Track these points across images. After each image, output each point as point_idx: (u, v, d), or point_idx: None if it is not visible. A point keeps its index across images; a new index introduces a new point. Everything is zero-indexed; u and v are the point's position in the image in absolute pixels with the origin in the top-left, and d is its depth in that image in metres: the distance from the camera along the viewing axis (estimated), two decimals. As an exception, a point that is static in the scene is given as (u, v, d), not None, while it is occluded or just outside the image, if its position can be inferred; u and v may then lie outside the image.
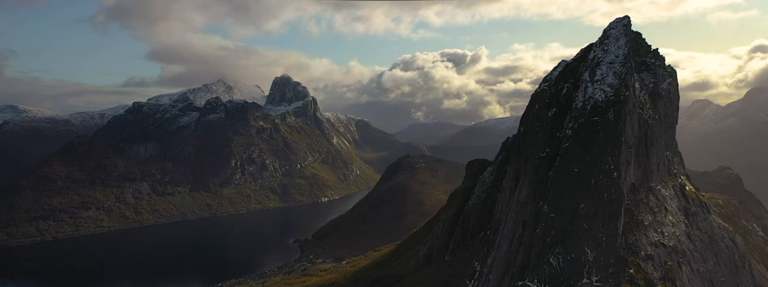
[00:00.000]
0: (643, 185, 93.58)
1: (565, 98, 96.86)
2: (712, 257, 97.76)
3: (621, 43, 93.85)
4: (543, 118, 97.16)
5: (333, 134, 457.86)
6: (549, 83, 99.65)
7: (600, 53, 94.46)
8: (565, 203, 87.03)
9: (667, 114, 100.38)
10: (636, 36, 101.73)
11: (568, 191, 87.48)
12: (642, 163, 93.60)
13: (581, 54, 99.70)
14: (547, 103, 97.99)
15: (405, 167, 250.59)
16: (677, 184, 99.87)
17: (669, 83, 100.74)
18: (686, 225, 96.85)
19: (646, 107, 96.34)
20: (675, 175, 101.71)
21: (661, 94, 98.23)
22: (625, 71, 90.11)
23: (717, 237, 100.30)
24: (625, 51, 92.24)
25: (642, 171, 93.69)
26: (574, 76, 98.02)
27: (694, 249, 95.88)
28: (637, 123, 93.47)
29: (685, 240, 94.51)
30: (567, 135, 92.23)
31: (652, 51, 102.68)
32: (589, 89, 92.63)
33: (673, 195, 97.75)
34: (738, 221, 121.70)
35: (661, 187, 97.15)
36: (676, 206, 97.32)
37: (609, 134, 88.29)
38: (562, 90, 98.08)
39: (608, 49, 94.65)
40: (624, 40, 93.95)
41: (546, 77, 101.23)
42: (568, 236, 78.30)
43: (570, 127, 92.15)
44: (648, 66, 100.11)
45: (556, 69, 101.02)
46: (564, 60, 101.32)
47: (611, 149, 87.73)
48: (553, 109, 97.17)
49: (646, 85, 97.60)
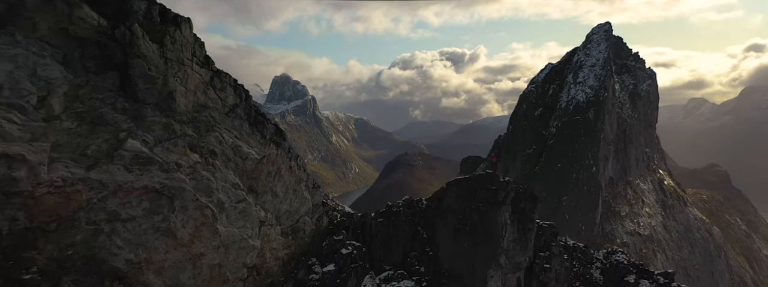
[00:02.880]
0: (622, 179, 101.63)
1: (551, 99, 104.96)
2: (687, 246, 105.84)
3: (602, 48, 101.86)
4: (530, 117, 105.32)
5: (332, 133, 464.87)
6: (536, 84, 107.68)
7: (582, 57, 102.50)
8: (550, 196, 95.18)
9: (646, 113, 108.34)
10: (617, 40, 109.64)
11: (552, 185, 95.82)
12: (621, 159, 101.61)
13: (566, 57, 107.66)
14: (533, 103, 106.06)
15: (403, 165, 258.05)
16: (656, 178, 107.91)
17: (649, 85, 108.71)
18: (663, 217, 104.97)
19: (626, 106, 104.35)
20: (654, 170, 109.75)
21: (640, 94, 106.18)
22: (605, 74, 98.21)
23: (693, 228, 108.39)
24: (606, 55, 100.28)
25: (621, 166, 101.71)
26: (560, 77, 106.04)
27: (669, 238, 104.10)
28: (617, 122, 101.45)
29: (661, 230, 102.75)
30: (552, 133, 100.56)
31: (633, 54, 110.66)
32: (572, 90, 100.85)
33: (651, 189, 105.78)
34: (721, 215, 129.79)
35: (639, 181, 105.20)
36: (654, 199, 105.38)
37: (589, 131, 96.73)
38: (548, 91, 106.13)
39: (590, 53, 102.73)
40: (605, 44, 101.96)
41: (533, 78, 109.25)
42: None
43: (554, 125, 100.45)
44: (629, 68, 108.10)
45: (542, 71, 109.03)
46: (550, 63, 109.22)
47: (591, 146, 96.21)
48: (540, 108, 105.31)
49: (627, 86, 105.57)
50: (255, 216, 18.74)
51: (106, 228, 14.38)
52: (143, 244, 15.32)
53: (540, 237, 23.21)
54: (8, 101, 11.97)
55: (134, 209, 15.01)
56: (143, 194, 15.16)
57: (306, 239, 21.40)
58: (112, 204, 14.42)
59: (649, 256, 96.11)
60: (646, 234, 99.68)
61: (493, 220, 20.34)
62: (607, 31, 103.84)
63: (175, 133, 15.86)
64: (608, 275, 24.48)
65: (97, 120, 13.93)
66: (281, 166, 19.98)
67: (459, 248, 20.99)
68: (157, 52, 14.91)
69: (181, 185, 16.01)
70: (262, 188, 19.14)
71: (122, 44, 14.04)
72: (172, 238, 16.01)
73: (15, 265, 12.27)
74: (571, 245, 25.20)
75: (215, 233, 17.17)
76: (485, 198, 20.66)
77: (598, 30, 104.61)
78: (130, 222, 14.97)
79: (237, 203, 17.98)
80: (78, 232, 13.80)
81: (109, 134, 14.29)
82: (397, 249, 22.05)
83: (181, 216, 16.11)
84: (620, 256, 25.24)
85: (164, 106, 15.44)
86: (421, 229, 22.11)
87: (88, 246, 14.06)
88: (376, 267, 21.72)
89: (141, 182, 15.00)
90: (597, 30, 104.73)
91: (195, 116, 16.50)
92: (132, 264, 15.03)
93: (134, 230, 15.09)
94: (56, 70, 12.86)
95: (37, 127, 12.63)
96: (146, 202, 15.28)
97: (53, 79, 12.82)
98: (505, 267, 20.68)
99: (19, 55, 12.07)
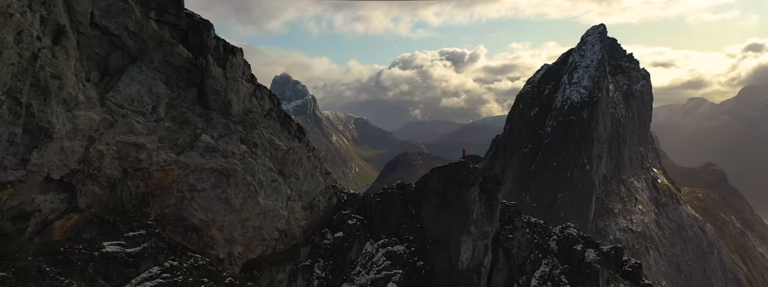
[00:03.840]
0: (615, 178, 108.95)
1: (546, 99, 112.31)
2: (679, 243, 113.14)
3: (596, 49, 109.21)
4: (526, 117, 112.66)
5: (332, 133, 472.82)
6: (532, 84, 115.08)
7: (577, 58, 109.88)
8: (545, 194, 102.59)
9: (640, 113, 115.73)
10: (612, 42, 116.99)
11: (547, 183, 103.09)
12: (614, 157, 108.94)
13: (562, 58, 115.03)
14: (530, 103, 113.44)
15: (403, 164, 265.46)
16: (649, 177, 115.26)
17: (642, 85, 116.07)
18: (656, 214, 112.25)
19: (620, 106, 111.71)
20: (648, 169, 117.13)
21: (634, 94, 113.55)
22: (599, 75, 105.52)
23: (686, 226, 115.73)
24: (600, 56, 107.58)
25: (614, 165, 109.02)
26: (556, 78, 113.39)
27: (662, 235, 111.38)
28: (610, 121, 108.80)
29: (653, 227, 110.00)
30: (547, 132, 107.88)
31: (627, 55, 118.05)
32: (567, 91, 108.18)
33: (645, 187, 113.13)
34: (716, 213, 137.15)
35: (633, 179, 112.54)
36: (647, 197, 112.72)
37: (583, 131, 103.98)
38: (544, 91, 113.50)
39: (585, 54, 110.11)
40: (599, 46, 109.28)
41: (530, 79, 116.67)
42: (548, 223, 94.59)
43: (550, 125, 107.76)
44: (623, 69, 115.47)
45: (539, 72, 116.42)
46: (546, 63, 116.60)
47: (585, 145, 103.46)
48: (536, 108, 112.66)
49: (621, 86, 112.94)
50: (284, 193, 26.19)
51: (188, 196, 21.84)
52: (210, 208, 22.77)
53: (505, 214, 30.58)
54: (137, 108, 19.41)
55: (204, 183, 22.46)
56: (211, 173, 22.61)
57: (320, 213, 28.81)
58: (191, 179, 21.89)
59: (641, 252, 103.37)
60: (638, 231, 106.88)
61: (465, 197, 27.69)
62: (601, 33, 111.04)
63: (230, 130, 23.30)
64: (562, 245, 31.85)
65: (183, 121, 21.37)
66: (302, 156, 27.43)
67: (439, 220, 28.39)
68: (221, 73, 22.35)
69: (234, 167, 23.44)
70: (289, 172, 26.59)
71: (200, 69, 21.47)
72: (229, 205, 23.45)
73: (140, 214, 19.71)
74: (532, 221, 32.55)
75: (257, 203, 24.59)
76: (459, 181, 28.02)
77: (593, 32, 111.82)
78: (202, 192, 22.42)
79: (272, 182, 25.42)
80: (171, 197, 21.26)
81: (190, 130, 21.74)
82: (392, 222, 29.49)
83: (234, 189, 23.55)
84: (572, 230, 32.62)
85: (224, 111, 22.86)
86: (410, 206, 29.55)
87: (177, 207, 21.52)
88: (375, 236, 29.15)
89: (209, 164, 22.45)
90: (591, 32, 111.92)
91: (244, 118, 23.94)
92: (203, 222, 22.48)
93: (204, 198, 22.54)
94: (162, 88, 20.30)
95: (151, 125, 20.08)
96: (212, 179, 22.74)
97: (160, 94, 20.26)
98: (475, 234, 28.04)
99: (143, 79, 19.51)
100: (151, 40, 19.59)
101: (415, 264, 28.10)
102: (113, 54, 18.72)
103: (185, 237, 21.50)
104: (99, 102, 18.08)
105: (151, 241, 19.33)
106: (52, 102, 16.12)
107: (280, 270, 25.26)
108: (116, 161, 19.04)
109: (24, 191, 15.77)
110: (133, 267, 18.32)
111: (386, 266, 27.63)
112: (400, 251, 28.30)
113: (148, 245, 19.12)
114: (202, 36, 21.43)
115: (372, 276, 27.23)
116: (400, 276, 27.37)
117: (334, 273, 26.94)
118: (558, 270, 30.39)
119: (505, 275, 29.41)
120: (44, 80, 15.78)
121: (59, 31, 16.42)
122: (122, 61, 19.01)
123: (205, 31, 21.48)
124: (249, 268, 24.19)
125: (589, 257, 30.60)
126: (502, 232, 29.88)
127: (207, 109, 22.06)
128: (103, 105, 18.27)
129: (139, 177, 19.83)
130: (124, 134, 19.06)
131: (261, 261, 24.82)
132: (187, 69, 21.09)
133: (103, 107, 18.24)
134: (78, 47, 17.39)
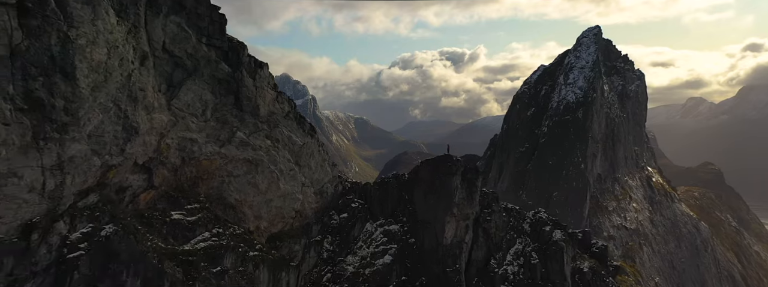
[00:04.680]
0: (610, 176, 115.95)
1: (543, 99, 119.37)
2: (673, 240, 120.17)
3: (591, 51, 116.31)
4: (523, 117, 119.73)
5: (332, 132, 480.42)
6: (529, 85, 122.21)
7: (573, 59, 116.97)
8: (541, 192, 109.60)
9: (635, 113, 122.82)
10: (607, 43, 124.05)
11: (543, 181, 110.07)
12: (609, 156, 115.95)
13: (558, 59, 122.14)
14: (526, 103, 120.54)
15: (402, 164, 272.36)
16: (644, 176, 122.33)
17: (637, 85, 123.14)
18: (650, 212, 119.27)
19: (615, 106, 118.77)
20: (643, 168, 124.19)
21: (629, 95, 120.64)
22: (594, 75, 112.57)
23: (680, 223, 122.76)
24: (595, 57, 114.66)
25: (609, 163, 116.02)
26: (552, 79, 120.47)
27: (656, 232, 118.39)
28: (605, 121, 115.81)
29: (647, 224, 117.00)
30: (543, 132, 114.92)
31: (622, 56, 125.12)
32: (563, 91, 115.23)
33: (639, 185, 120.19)
34: (712, 212, 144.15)
35: (628, 178, 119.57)
36: (642, 195, 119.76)
37: (578, 130, 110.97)
38: (540, 92, 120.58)
39: (580, 56, 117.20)
40: (594, 47, 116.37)
41: (526, 79, 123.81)
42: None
43: (546, 125, 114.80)
44: (618, 70, 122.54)
45: (535, 73, 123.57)
46: (542, 65, 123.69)
47: (580, 144, 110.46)
48: (532, 108, 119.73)
49: (616, 87, 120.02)
50: (299, 180, 33.32)
51: (226, 180, 28.97)
52: (243, 190, 29.87)
53: (485, 200, 37.64)
54: (191, 112, 26.56)
55: (239, 170, 29.59)
56: (243, 162, 29.74)
57: (328, 197, 35.92)
58: (229, 167, 29.02)
59: (635, 249, 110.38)
60: (632, 228, 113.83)
61: (449, 184, 34.72)
62: (596, 35, 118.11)
63: (258, 128, 30.41)
64: (534, 227, 38.92)
65: (223, 121, 28.49)
66: (314, 149, 34.56)
67: (428, 204, 35.48)
68: (252, 83, 29.48)
69: (261, 158, 30.55)
70: (303, 163, 33.72)
71: (236, 80, 28.61)
72: (257, 188, 30.56)
73: (194, 193, 26.85)
74: (509, 207, 39.62)
75: (278, 187, 31.70)
76: (444, 171, 35.07)
77: (588, 33, 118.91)
78: (237, 177, 29.55)
79: (290, 171, 32.54)
80: (215, 181, 28.40)
81: (229, 129, 28.87)
82: (388, 206, 36.60)
83: (261, 176, 30.67)
84: (542, 214, 39.70)
85: (254, 113, 29.98)
86: (403, 193, 36.67)
87: (219, 189, 28.66)
88: (374, 217, 36.26)
89: (242, 155, 29.57)
90: (587, 33, 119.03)
91: (268, 118, 31.06)
92: (238, 201, 29.60)
93: (239, 182, 29.66)
94: (209, 95, 27.44)
95: (201, 125, 27.22)
96: (244, 167, 29.86)
97: (207, 100, 27.40)
98: (457, 216, 35.08)
99: (196, 89, 26.65)
100: (202, 60, 26.74)
101: (408, 240, 35.20)
102: (176, 70, 25.85)
103: (225, 212, 28.63)
104: (167, 107, 25.20)
105: (203, 213, 26.47)
106: (139, 108, 23.23)
107: (296, 243, 32.36)
108: (177, 152, 26.16)
109: (121, 172, 22.87)
110: (191, 231, 25.45)
111: (383, 242, 34.73)
112: (395, 229, 35.40)
113: (201, 215, 26.25)
114: (239, 55, 28.58)
115: (371, 250, 34.34)
116: (395, 250, 34.47)
117: (340, 246, 34.06)
118: (530, 248, 37.45)
119: (484, 251, 36.47)
120: (135, 92, 22.89)
121: (143, 56, 23.53)
122: (182, 75, 26.16)
123: (241, 50, 28.67)
124: (272, 240, 31.28)
125: (556, 236, 37.66)
126: (482, 215, 36.97)
127: (241, 111, 29.18)
128: (169, 109, 25.38)
129: (192, 165, 26.95)
130: (182, 131, 26.19)
131: (281, 235, 31.94)
132: (227, 80, 28.22)
133: (169, 110, 25.35)
134: (154, 66, 24.49)
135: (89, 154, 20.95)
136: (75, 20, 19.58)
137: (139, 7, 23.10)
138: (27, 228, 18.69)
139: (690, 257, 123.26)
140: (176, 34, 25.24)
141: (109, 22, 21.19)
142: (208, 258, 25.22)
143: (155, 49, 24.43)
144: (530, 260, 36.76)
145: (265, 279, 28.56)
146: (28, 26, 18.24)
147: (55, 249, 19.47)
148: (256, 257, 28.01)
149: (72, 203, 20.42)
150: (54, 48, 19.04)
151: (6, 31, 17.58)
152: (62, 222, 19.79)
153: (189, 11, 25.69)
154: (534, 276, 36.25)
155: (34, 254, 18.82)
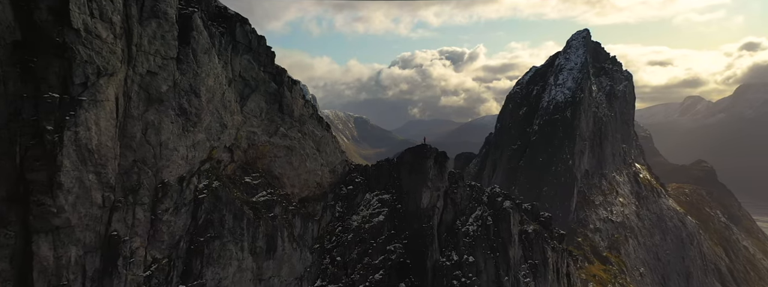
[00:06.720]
0: (597, 172, 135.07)
1: (534, 99, 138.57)
2: (659, 233, 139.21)
3: (580, 53, 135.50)
4: (515, 116, 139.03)
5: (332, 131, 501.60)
6: (521, 85, 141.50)
7: (563, 61, 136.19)
8: (532, 187, 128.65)
9: (623, 112, 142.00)
10: (596, 45, 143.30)
11: (534, 177, 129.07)
12: (596, 153, 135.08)
13: (549, 61, 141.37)
14: (519, 103, 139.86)
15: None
16: (631, 172, 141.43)
17: (625, 86, 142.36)
18: (636, 206, 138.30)
19: (603, 106, 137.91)
20: (630, 164, 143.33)
21: (616, 95, 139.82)
22: (582, 76, 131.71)
23: (666, 217, 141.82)
24: (584, 59, 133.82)
25: (596, 160, 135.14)
26: (543, 80, 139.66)
27: (642, 225, 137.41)
28: (593, 120, 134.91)
29: (633, 218, 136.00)
30: (534, 130, 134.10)
31: (611, 58, 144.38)
32: (553, 91, 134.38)
33: (626, 181, 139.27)
34: (702, 208, 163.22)
35: (615, 174, 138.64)
36: (628, 190, 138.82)
37: (567, 129, 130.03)
38: (532, 92, 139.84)
39: (569, 57, 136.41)
40: (583, 49, 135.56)
41: (518, 80, 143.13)
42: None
43: (537, 123, 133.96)
44: (606, 71, 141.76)
45: (527, 74, 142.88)
46: (534, 66, 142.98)
47: (568, 142, 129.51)
48: (524, 108, 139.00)
49: (604, 87, 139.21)
50: (319, 162, 52.67)
51: (273, 160, 48.39)
52: (282, 167, 49.25)
53: (453, 177, 56.83)
54: (254, 114, 46.01)
55: (280, 153, 48.96)
56: (283, 148, 49.12)
57: (338, 175, 55.30)
58: (274, 151, 48.41)
59: (621, 241, 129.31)
60: (618, 221, 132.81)
61: (425, 165, 53.99)
62: (585, 38, 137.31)
63: (293, 125, 49.77)
64: (490, 198, 58.09)
65: (271, 121, 47.89)
66: (329, 140, 53.95)
67: (410, 179, 54.73)
68: (290, 95, 48.88)
69: (295, 145, 49.89)
70: (322, 150, 53.07)
71: (280, 93, 48.03)
72: (292, 167, 49.90)
73: (255, 167, 46.21)
74: (472, 184, 58.84)
75: (306, 167, 51.06)
76: (421, 155, 54.33)
77: (577, 36, 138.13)
78: (279, 158, 48.92)
79: (313, 155, 51.88)
80: (266, 160, 47.84)
81: (275, 125, 48.25)
82: (382, 181, 55.95)
83: (295, 157, 50.01)
84: (497, 189, 58.92)
85: (290, 115, 49.33)
86: (392, 171, 56.01)
87: (269, 166, 48.09)
88: (371, 189, 55.58)
89: (283, 143, 48.93)
90: (576, 36, 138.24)
91: (299, 118, 50.44)
92: (280, 174, 49.00)
93: (280, 162, 49.02)
94: (264, 104, 46.84)
95: (259, 122, 46.67)
96: (284, 151, 49.23)
97: (262, 107, 46.91)
98: (431, 188, 54.26)
99: (257, 99, 46.19)
100: (260, 81, 46.13)
101: (396, 205, 54.50)
102: (245, 88, 45.23)
103: (273, 180, 47.99)
104: (240, 112, 44.46)
105: (261, 179, 45.81)
106: (227, 113, 42.47)
107: (317, 204, 51.72)
108: (246, 140, 45.46)
109: (219, 151, 42.18)
110: (255, 189, 44.77)
111: (378, 206, 54.03)
112: (386, 198, 54.69)
113: (260, 181, 45.59)
114: (282, 76, 48.09)
115: (369, 212, 53.63)
116: (387, 212, 53.76)
117: (347, 209, 53.41)
118: (486, 213, 56.63)
119: (452, 215, 55.67)
120: (225, 103, 42.15)
121: (229, 81, 42.82)
122: (249, 91, 45.57)
123: (284, 73, 48.14)
124: (302, 201, 50.67)
125: (505, 205, 56.86)
126: (450, 188, 56.23)
127: (282, 114, 48.51)
128: (242, 113, 44.63)
129: (254, 149, 46.28)
130: (249, 127, 45.48)
131: (308, 199, 51.32)
132: (274, 94, 47.57)
133: (241, 114, 44.61)
134: (232, 85, 43.76)
135: (204, 140, 40.29)
136: (201, 63, 38.91)
137: (228, 51, 42.46)
138: (180, 179, 38.01)
139: (675, 250, 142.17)
140: (246, 66, 44.59)
141: (215, 63, 40.51)
142: (265, 207, 44.51)
143: (235, 76, 43.76)
144: (486, 222, 55.88)
145: (298, 225, 47.88)
146: (180, 69, 37.55)
147: (192, 191, 38.73)
148: (293, 210, 47.36)
149: (198, 168, 39.68)
150: (191, 80, 38.36)
151: (172, 75, 36.93)
152: (195, 177, 39.06)
153: (254, 51, 45.16)
154: (488, 234, 55.36)
155: (184, 193, 38.07)
